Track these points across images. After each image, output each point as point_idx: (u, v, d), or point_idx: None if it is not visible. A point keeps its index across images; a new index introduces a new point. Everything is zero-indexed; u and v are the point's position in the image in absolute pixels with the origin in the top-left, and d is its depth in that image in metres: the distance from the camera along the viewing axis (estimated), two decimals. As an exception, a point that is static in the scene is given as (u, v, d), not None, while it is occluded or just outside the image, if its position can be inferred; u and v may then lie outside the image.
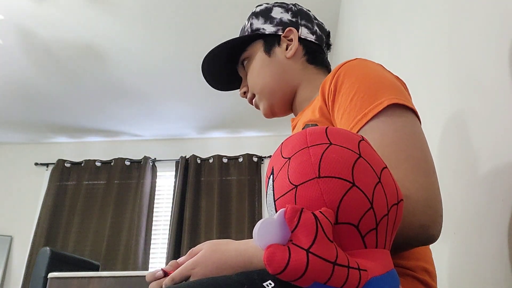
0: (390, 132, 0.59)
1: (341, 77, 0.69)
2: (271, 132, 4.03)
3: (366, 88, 0.64)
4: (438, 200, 0.55)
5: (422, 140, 0.60)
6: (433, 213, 0.53)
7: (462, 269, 0.88)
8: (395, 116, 0.60)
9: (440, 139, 1.00)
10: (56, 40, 2.85)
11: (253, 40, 0.94)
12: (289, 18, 0.94)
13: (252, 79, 0.93)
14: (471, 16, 0.85)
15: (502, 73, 0.72)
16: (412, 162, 0.56)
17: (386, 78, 0.67)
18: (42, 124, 3.85)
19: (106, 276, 1.72)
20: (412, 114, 0.62)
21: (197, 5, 2.57)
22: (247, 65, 0.95)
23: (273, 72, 0.91)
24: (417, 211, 0.51)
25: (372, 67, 0.70)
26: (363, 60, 0.73)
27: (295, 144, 0.42)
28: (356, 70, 0.69)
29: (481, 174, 0.79)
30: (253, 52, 0.94)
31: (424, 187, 0.54)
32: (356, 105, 0.63)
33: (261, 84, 0.92)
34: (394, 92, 0.63)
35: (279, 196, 0.41)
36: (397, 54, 1.40)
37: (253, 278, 0.47)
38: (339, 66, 0.71)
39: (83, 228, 3.66)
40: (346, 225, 0.39)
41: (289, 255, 0.35)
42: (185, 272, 0.61)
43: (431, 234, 0.53)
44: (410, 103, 0.63)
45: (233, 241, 0.62)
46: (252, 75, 0.94)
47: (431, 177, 0.56)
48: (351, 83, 0.66)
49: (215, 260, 0.59)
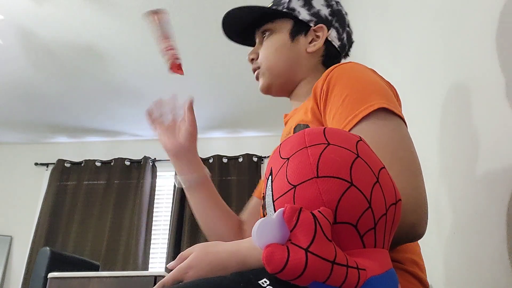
0: (380, 134, 0.60)
1: (333, 79, 0.70)
2: (271, 132, 4.03)
3: (357, 91, 0.66)
4: (425, 200, 0.57)
5: (410, 143, 0.62)
6: (421, 212, 0.56)
7: (461, 269, 0.88)
8: (385, 119, 0.62)
9: (439, 139, 1.00)
10: (56, 40, 2.86)
11: (283, 16, 0.92)
12: (326, 14, 0.92)
13: (266, 54, 0.92)
14: (471, 15, 0.85)
15: (501, 72, 0.72)
16: (402, 163, 0.58)
17: (377, 83, 0.69)
18: (42, 124, 3.85)
19: (106, 276, 1.73)
20: (400, 119, 0.64)
21: (197, 5, 2.57)
22: (268, 36, 0.93)
23: (289, 58, 0.90)
24: (408, 211, 0.52)
25: (364, 71, 0.72)
26: (356, 64, 0.74)
27: (294, 144, 0.42)
28: (348, 73, 0.70)
29: (480, 174, 0.80)
30: (279, 28, 0.92)
31: (413, 187, 0.56)
32: (348, 106, 0.64)
33: (272, 62, 0.91)
34: (384, 97, 0.65)
35: (278, 197, 0.41)
36: (396, 53, 1.40)
37: (249, 277, 0.48)
38: (332, 69, 0.72)
39: (83, 228, 3.66)
40: (345, 224, 0.40)
41: (288, 255, 0.35)
42: (178, 276, 0.60)
43: (419, 232, 0.56)
44: (398, 110, 0.65)
45: (222, 243, 0.61)
46: (268, 49, 0.92)
47: (419, 177, 0.58)
48: (343, 85, 0.68)
49: (209, 262, 0.59)
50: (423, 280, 0.67)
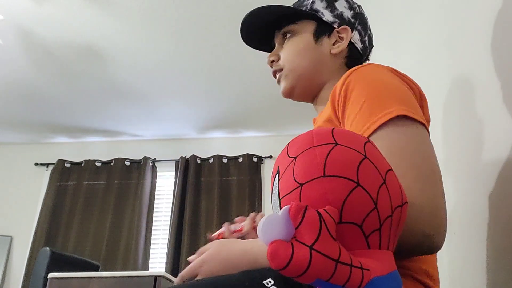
0: (397, 141, 0.59)
1: (351, 83, 0.68)
2: (271, 132, 4.03)
3: (376, 96, 0.64)
4: (443, 210, 0.55)
5: (429, 150, 0.60)
6: (438, 222, 0.54)
7: (463, 270, 0.88)
8: (403, 125, 0.60)
9: (440, 139, 1.00)
10: (56, 40, 2.85)
11: (306, 18, 0.91)
12: (349, 17, 0.92)
13: (290, 55, 0.91)
14: (471, 14, 0.85)
15: (501, 70, 0.72)
16: (418, 171, 0.56)
17: (397, 87, 0.67)
18: (42, 124, 3.85)
19: (106, 276, 1.73)
20: (420, 125, 0.62)
21: (197, 5, 2.57)
22: (290, 38, 0.92)
23: (314, 59, 0.89)
24: (421, 219, 0.52)
25: (383, 74, 0.70)
26: (375, 66, 0.72)
27: (301, 144, 0.43)
28: (366, 76, 0.69)
29: (482, 175, 0.79)
30: (301, 29, 0.91)
31: (429, 196, 0.54)
32: (365, 113, 0.63)
33: (297, 63, 0.90)
34: (404, 102, 0.63)
35: (284, 195, 0.42)
36: (397, 51, 1.40)
37: (254, 276, 0.48)
38: (350, 72, 0.71)
39: (83, 228, 3.65)
40: (350, 224, 0.40)
41: (292, 251, 0.36)
42: (193, 270, 0.65)
43: (435, 243, 0.54)
44: (418, 115, 0.63)
45: (239, 240, 0.64)
46: (292, 51, 0.91)
47: (437, 186, 0.57)
48: (361, 91, 0.66)
49: (221, 259, 0.61)
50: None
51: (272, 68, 0.94)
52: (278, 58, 0.93)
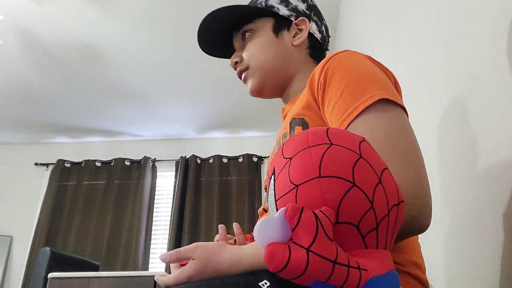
0: (381, 127, 0.60)
1: (330, 69, 0.69)
2: (271, 132, 4.03)
3: (356, 82, 0.65)
4: (427, 193, 0.57)
5: (411, 134, 0.61)
6: (422, 205, 0.55)
7: (462, 269, 0.88)
8: (385, 110, 0.61)
9: (439, 137, 1.00)
10: (56, 40, 2.86)
11: (263, 15, 0.93)
12: (303, 9, 0.94)
13: (254, 53, 0.91)
14: (471, 14, 0.85)
15: (501, 70, 0.72)
16: (402, 156, 0.57)
17: (375, 72, 0.68)
18: (42, 124, 3.85)
19: (106, 276, 1.72)
20: (401, 109, 0.63)
21: (197, 5, 2.57)
22: (250, 37, 0.93)
23: (278, 53, 0.91)
24: (409, 203, 0.52)
25: (361, 60, 0.70)
26: (353, 52, 0.73)
27: (297, 144, 0.42)
28: (345, 63, 0.69)
29: (481, 173, 0.79)
30: (260, 27, 0.93)
31: (414, 180, 0.56)
32: (346, 98, 0.64)
33: (262, 59, 0.91)
34: (383, 87, 0.64)
35: (280, 196, 0.41)
36: (397, 51, 1.40)
37: (249, 279, 0.48)
38: (328, 58, 0.71)
39: (83, 228, 3.66)
40: (347, 224, 0.40)
41: (290, 254, 0.36)
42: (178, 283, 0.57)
43: (422, 225, 0.56)
44: (398, 99, 0.64)
45: (225, 249, 0.55)
46: (254, 48, 0.92)
47: (421, 170, 0.58)
48: (341, 76, 0.67)
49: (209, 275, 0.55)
50: (423, 280, 0.67)
51: (236, 70, 0.95)
52: (241, 59, 0.94)
